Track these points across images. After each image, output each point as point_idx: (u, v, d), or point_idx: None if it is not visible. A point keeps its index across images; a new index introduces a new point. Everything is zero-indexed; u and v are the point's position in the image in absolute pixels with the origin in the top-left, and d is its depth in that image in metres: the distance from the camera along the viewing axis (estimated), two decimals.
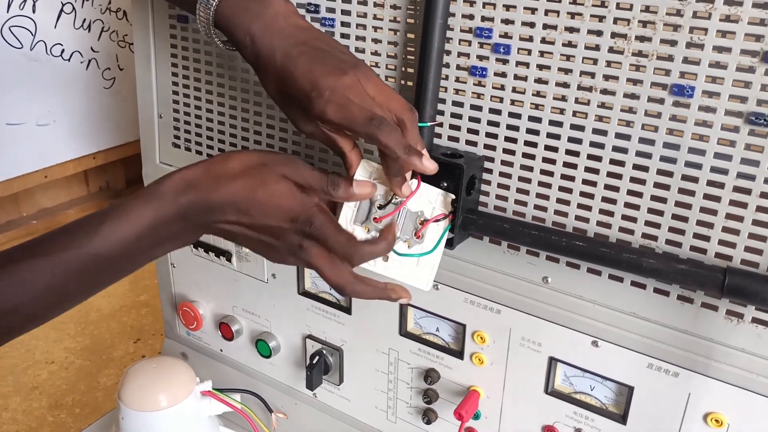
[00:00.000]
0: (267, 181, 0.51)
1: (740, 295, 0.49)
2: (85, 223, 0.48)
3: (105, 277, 0.50)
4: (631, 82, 0.52)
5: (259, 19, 0.53)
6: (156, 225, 0.49)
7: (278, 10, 0.53)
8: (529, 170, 0.58)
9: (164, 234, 0.50)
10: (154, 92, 0.81)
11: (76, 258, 0.47)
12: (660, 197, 0.53)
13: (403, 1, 0.60)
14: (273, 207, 0.51)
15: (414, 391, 0.73)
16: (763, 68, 0.47)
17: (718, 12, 0.47)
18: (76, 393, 1.34)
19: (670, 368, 0.56)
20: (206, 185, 0.50)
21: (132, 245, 0.49)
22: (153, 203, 0.49)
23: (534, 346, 0.63)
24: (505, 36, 0.56)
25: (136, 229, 0.49)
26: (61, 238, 0.48)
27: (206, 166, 0.51)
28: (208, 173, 0.51)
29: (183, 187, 0.50)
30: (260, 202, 0.50)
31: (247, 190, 0.50)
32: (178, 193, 0.50)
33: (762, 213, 0.49)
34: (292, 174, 0.52)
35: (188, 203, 0.50)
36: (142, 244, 0.49)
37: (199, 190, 0.50)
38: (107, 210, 0.49)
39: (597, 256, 0.54)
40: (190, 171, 0.51)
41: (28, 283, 0.45)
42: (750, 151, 0.49)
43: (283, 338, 0.82)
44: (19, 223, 1.72)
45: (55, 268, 0.46)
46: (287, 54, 0.52)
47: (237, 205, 0.50)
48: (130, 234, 0.48)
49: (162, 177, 0.51)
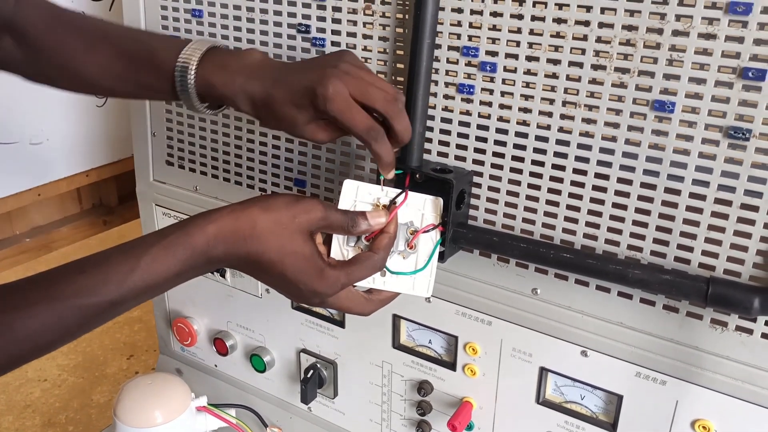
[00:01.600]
0: (294, 241, 0.51)
1: (723, 304, 0.51)
2: (106, 268, 0.48)
3: (116, 315, 0.50)
4: (614, 98, 0.53)
5: (242, 70, 0.55)
6: (182, 273, 0.50)
7: (256, 57, 0.56)
8: (516, 184, 0.59)
9: (187, 277, 0.51)
10: (147, 111, 0.82)
11: (95, 305, 0.47)
12: (644, 209, 0.54)
13: (391, 21, 0.61)
14: (298, 275, 0.52)
15: (408, 403, 0.73)
16: (741, 84, 0.48)
17: (696, 30, 0.49)
18: (69, 411, 1.34)
19: (657, 377, 0.57)
20: (236, 241, 0.50)
21: (153, 292, 0.49)
22: (181, 256, 0.49)
23: (525, 356, 0.64)
24: (492, 54, 0.57)
25: (161, 281, 0.49)
26: (81, 282, 0.47)
27: (236, 219, 0.51)
28: (238, 229, 0.50)
29: (213, 241, 0.50)
30: (287, 268, 0.51)
31: (275, 252, 0.51)
32: (209, 245, 0.50)
33: (743, 224, 0.51)
34: (319, 222, 0.53)
35: (217, 256, 0.50)
36: (163, 289, 0.50)
37: (229, 244, 0.50)
38: (130, 254, 0.48)
39: (584, 267, 0.55)
40: (220, 223, 0.50)
41: (44, 326, 0.45)
42: (730, 164, 0.50)
43: (277, 353, 0.83)
44: (12, 241, 1.72)
45: (73, 313, 0.46)
46: (277, 78, 0.54)
47: (262, 265, 0.51)
48: (155, 284, 0.48)
49: (190, 225, 0.50)
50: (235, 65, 0.56)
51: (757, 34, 0.47)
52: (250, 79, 0.55)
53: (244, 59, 0.56)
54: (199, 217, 0.51)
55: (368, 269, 0.54)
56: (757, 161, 0.49)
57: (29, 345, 0.45)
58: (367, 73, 0.54)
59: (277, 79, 0.54)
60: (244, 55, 0.57)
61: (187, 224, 0.50)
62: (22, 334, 0.45)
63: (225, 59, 0.57)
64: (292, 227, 0.51)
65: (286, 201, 0.52)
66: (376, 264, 0.54)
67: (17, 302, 0.45)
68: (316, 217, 0.52)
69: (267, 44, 0.70)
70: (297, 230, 0.51)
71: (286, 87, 0.53)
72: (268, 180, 0.75)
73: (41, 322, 0.45)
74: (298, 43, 0.68)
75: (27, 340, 0.45)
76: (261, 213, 0.51)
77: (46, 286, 0.47)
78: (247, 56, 0.56)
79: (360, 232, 0.55)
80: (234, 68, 0.56)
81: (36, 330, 0.45)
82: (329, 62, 0.53)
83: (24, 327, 0.45)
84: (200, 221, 0.50)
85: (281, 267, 0.51)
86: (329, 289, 0.53)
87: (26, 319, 0.45)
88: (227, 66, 0.56)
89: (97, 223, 1.88)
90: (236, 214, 0.51)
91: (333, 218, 0.53)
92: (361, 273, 0.54)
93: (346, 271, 0.53)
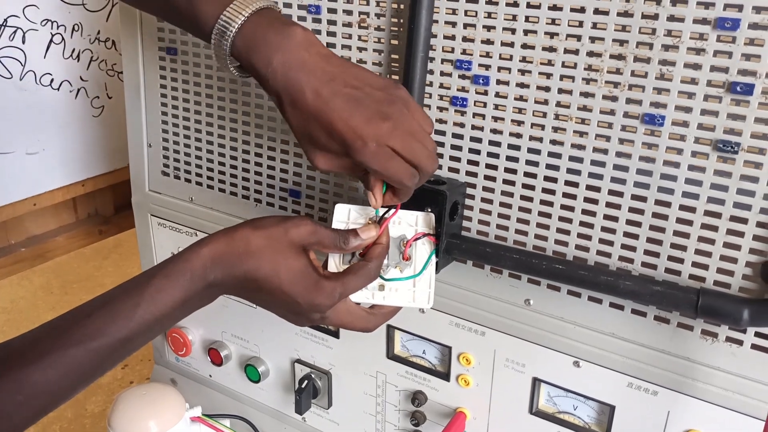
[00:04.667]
0: (287, 255, 0.52)
1: (714, 315, 0.51)
2: (111, 307, 0.48)
3: (132, 352, 0.51)
4: (605, 111, 0.54)
5: (280, 50, 0.51)
6: (186, 301, 0.50)
7: (299, 41, 0.51)
8: (509, 196, 0.60)
9: (193, 306, 0.52)
10: (143, 122, 0.83)
11: (107, 346, 0.47)
12: (635, 221, 0.55)
13: (386, 33, 0.62)
14: (294, 288, 0.52)
15: (402, 413, 0.74)
16: (729, 98, 0.49)
17: (686, 44, 0.50)
18: (63, 420, 1.34)
19: (649, 387, 0.58)
20: (231, 261, 0.51)
21: (162, 324, 0.50)
22: (182, 282, 0.50)
23: (518, 367, 0.64)
24: (484, 68, 0.58)
25: (167, 310, 0.49)
26: (89, 326, 0.47)
27: (230, 240, 0.52)
28: (232, 249, 0.51)
29: (210, 264, 0.51)
30: (283, 282, 0.52)
31: (270, 267, 0.51)
32: (206, 268, 0.50)
33: (732, 236, 0.51)
34: (309, 236, 0.53)
35: (215, 279, 0.51)
36: (172, 320, 0.51)
37: (225, 265, 0.51)
38: (132, 290, 0.49)
39: (576, 278, 0.56)
40: (215, 246, 0.51)
41: (61, 375, 0.46)
42: (719, 177, 0.51)
43: (271, 363, 0.83)
44: (7, 250, 1.72)
45: (88, 357, 0.47)
46: (318, 94, 0.50)
47: (259, 282, 0.52)
48: (162, 315, 0.49)
49: (186, 251, 0.51)
50: (276, 39, 0.51)
51: (745, 49, 0.48)
52: (293, 71, 0.50)
53: (288, 38, 0.51)
54: (194, 243, 0.52)
55: (363, 278, 0.54)
56: (745, 174, 0.50)
57: (49, 396, 0.46)
58: (416, 122, 0.52)
59: (320, 95, 0.50)
60: (292, 33, 0.51)
61: (183, 252, 0.51)
62: (42, 386, 0.45)
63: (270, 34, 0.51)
64: (284, 241, 0.52)
65: (276, 219, 0.53)
66: (370, 272, 0.55)
67: (31, 356, 0.46)
68: (307, 231, 0.53)
69: None
70: (289, 244, 0.52)
71: (326, 113, 0.50)
72: (263, 191, 0.75)
73: (58, 371, 0.46)
74: None
75: (47, 392, 0.45)
76: (253, 231, 0.52)
77: (55, 335, 0.47)
78: (295, 36, 0.51)
79: (352, 247, 0.55)
80: (273, 45, 0.51)
81: (54, 380, 0.46)
82: (381, 107, 0.50)
83: (44, 379, 0.45)
84: (195, 246, 0.51)
85: (278, 281, 0.51)
86: (327, 299, 0.53)
87: (43, 371, 0.45)
88: (268, 41, 0.51)
89: (92, 232, 1.88)
90: (229, 235, 0.52)
91: (323, 234, 0.54)
92: (356, 282, 0.54)
93: (341, 281, 0.53)
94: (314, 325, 0.56)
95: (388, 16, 0.61)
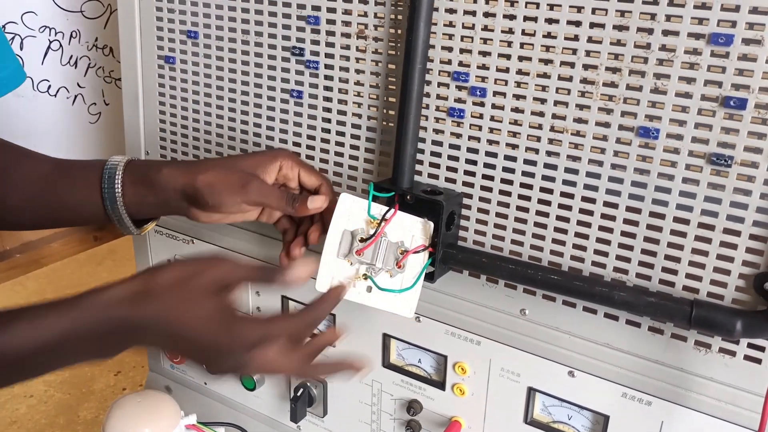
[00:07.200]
0: (196, 297, 0.49)
1: (707, 326, 0.52)
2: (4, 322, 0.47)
3: (9, 376, 0.48)
4: (600, 124, 0.54)
5: (157, 182, 0.60)
6: (69, 338, 0.47)
7: (167, 169, 0.61)
8: (505, 206, 0.60)
9: (78, 348, 0.48)
10: (141, 130, 0.83)
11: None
12: (629, 233, 0.55)
13: (384, 44, 0.63)
14: (201, 332, 0.49)
15: (397, 422, 0.74)
16: (723, 112, 0.50)
17: (680, 59, 0.50)
18: (55, 427, 1.33)
19: (643, 397, 0.58)
20: (136, 301, 0.48)
21: (40, 353, 0.47)
22: (74, 313, 0.47)
23: (513, 376, 0.64)
24: (481, 79, 0.59)
25: (46, 338, 0.46)
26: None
27: (141, 279, 0.50)
28: (139, 289, 0.49)
29: (115, 300, 0.48)
30: (191, 327, 0.49)
31: (175, 310, 0.49)
32: (110, 304, 0.48)
33: (725, 248, 0.52)
34: (225, 275, 0.51)
35: (119, 317, 0.48)
36: (51, 354, 0.47)
37: (130, 304, 0.48)
38: (24, 309, 0.48)
39: (571, 289, 0.56)
40: (123, 285, 0.49)
41: None
42: (712, 190, 0.51)
43: None
44: (2, 257, 1.72)
45: None
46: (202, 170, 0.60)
47: (166, 328, 0.49)
48: (39, 342, 0.46)
49: (88, 290, 0.49)
50: (151, 176, 0.61)
51: (738, 64, 0.48)
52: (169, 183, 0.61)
53: (159, 171, 0.61)
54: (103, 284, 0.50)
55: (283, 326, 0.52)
56: (738, 187, 0.50)
57: None
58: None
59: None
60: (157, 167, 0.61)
61: (88, 290, 0.49)
62: None
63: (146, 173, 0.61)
64: (193, 283, 0.50)
65: (192, 260, 0.52)
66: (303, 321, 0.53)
67: None
68: (224, 269, 0.51)
69: (261, 66, 0.71)
70: (199, 286, 0.50)
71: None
72: None
73: None
74: (292, 66, 0.69)
75: None
76: (163, 273, 0.50)
77: None
78: (164, 166, 0.61)
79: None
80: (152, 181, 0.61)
81: None
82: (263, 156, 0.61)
83: None
84: (103, 285, 0.49)
85: (184, 325, 0.49)
86: (238, 344, 0.49)
87: None
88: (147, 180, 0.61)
89: (87, 239, 1.88)
90: (140, 276, 0.50)
91: (239, 272, 0.52)
92: (280, 326, 0.51)
93: (260, 324, 0.51)
94: (236, 373, 0.53)
95: (387, 26, 0.62)
